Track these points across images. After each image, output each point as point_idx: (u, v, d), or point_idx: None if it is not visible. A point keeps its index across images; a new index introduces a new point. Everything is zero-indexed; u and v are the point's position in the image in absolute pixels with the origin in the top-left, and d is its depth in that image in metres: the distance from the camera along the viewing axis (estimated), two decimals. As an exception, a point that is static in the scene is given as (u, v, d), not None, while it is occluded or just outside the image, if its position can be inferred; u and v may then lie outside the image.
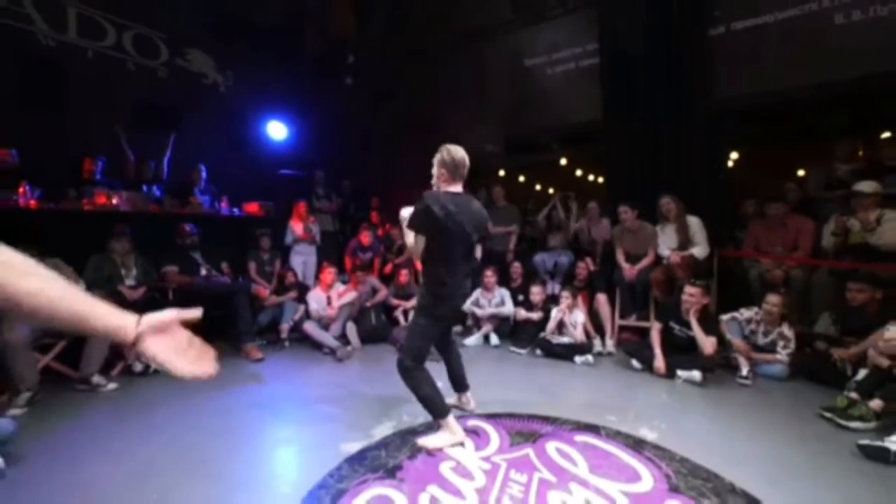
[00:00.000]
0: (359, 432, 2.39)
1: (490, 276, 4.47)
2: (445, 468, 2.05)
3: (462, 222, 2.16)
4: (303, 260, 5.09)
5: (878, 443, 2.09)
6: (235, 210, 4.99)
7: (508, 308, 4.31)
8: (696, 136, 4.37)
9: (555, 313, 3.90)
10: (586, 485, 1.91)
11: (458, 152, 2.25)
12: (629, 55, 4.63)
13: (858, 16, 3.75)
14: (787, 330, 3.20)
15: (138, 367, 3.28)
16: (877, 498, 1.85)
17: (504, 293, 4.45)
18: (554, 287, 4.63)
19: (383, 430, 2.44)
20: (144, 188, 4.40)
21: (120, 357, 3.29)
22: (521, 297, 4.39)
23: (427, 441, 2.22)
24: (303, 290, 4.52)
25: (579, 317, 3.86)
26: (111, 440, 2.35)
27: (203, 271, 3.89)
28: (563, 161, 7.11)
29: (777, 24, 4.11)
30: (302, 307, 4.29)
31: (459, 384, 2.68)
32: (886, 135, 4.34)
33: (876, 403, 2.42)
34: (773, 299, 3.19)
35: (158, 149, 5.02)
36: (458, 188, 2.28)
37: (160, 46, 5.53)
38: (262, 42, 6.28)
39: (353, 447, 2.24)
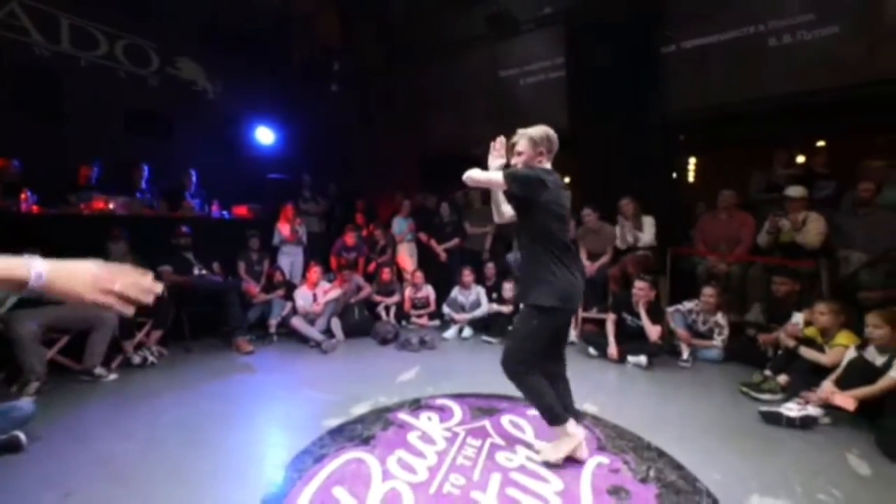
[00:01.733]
0: (339, 411, 2.72)
1: (468, 274, 4.82)
2: (413, 437, 2.40)
3: (564, 202, 2.00)
4: (290, 260, 5.39)
5: (774, 409, 2.49)
6: (225, 213, 5.27)
7: (484, 309, 4.64)
8: (652, 144, 4.78)
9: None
10: (529, 446, 2.28)
11: (552, 131, 2.10)
12: (593, 69, 5.02)
13: (788, 39, 4.21)
14: (721, 319, 3.62)
15: (136, 359, 3.56)
16: (761, 447, 2.25)
17: (480, 291, 4.81)
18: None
19: (361, 408, 2.77)
20: (139, 194, 4.65)
21: (119, 351, 3.56)
22: (494, 295, 4.75)
23: (545, 454, 2.09)
24: (290, 287, 4.82)
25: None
26: (119, 422, 2.64)
27: (196, 271, 4.17)
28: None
29: (720, 44, 4.55)
30: (289, 304, 4.59)
31: (576, 414, 2.24)
32: (820, 144, 4.83)
33: (783, 378, 2.83)
34: (708, 291, 3.61)
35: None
36: (549, 166, 2.08)
37: (151, 55, 5.78)
38: (250, 50, 6.55)
39: (334, 422, 2.57)
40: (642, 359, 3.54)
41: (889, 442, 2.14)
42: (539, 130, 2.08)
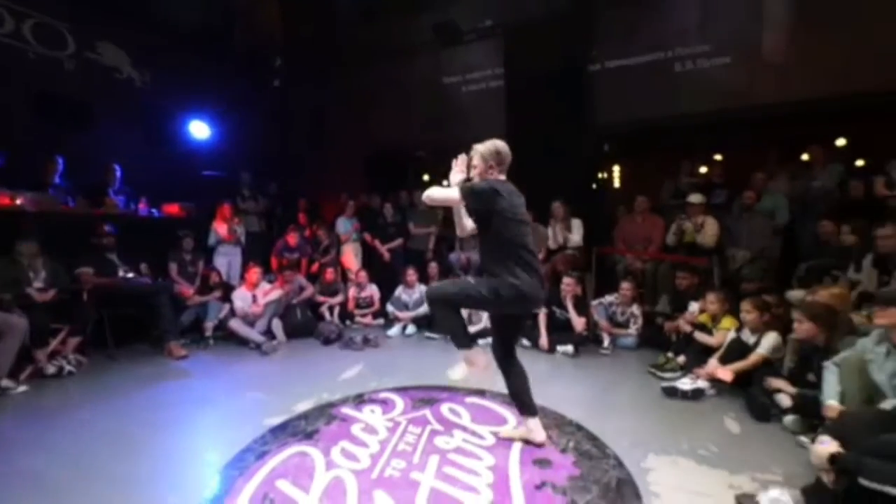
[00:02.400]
0: (282, 410, 2.75)
1: (411, 273, 4.96)
2: (356, 429, 2.50)
3: (518, 209, 2.10)
4: (227, 261, 5.20)
5: (672, 384, 2.91)
6: (154, 211, 4.97)
7: (426, 307, 4.80)
8: (580, 152, 5.24)
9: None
10: (465, 430, 2.48)
11: (503, 145, 2.19)
12: (528, 81, 5.39)
13: (691, 65, 4.84)
14: (636, 310, 4.09)
15: (51, 369, 3.30)
16: (661, 417, 2.64)
17: (423, 289, 4.96)
18: (466, 281, 5.25)
19: (304, 406, 2.83)
20: (52, 190, 4.26)
21: (29, 360, 3.28)
22: (437, 292, 4.93)
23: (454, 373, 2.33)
24: (227, 289, 4.67)
25: (485, 306, 4.50)
26: (41, 436, 2.48)
27: (121, 272, 3.93)
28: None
29: (638, 66, 5.12)
30: (227, 306, 4.46)
31: (527, 407, 2.28)
32: (717, 157, 5.60)
33: (682, 359, 3.30)
34: (625, 286, 4.07)
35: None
36: (503, 178, 2.19)
37: (66, 37, 5.29)
38: (182, 38, 6.20)
39: (276, 420, 2.61)
40: (569, 348, 3.91)
41: (754, 406, 2.61)
42: (487, 146, 2.17)
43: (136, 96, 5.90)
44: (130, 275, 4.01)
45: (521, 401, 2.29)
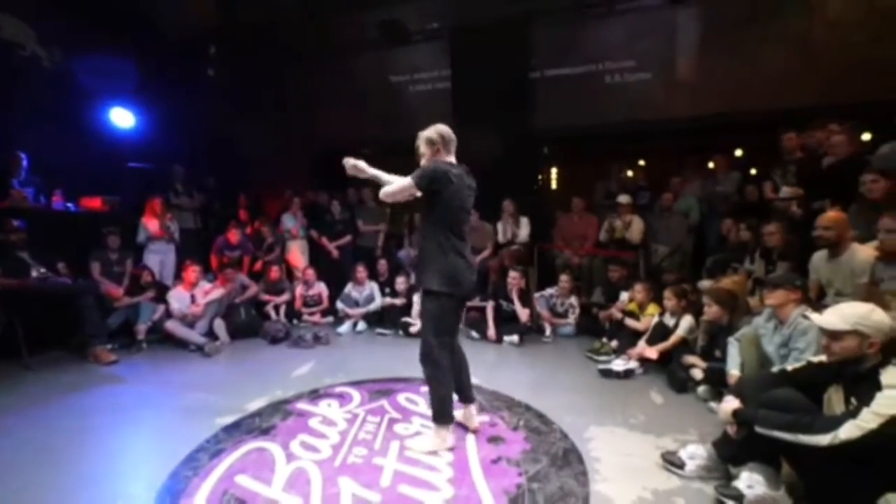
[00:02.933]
0: (233, 409, 2.67)
1: (361, 271, 4.94)
2: (314, 422, 2.51)
3: (464, 195, 2.14)
4: (160, 259, 4.84)
5: (607, 366, 3.24)
6: (71, 205, 4.50)
7: (377, 303, 4.83)
8: (522, 154, 5.55)
9: (417, 301, 4.61)
10: (423, 416, 2.58)
11: (445, 128, 2.24)
12: (473, 84, 5.60)
13: (618, 78, 5.35)
14: (574, 300, 4.46)
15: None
16: (598, 394, 2.94)
17: (373, 286, 4.98)
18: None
19: (257, 404, 2.76)
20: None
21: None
22: (387, 290, 4.98)
23: (416, 444, 2.22)
24: (161, 289, 4.36)
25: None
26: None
27: (35, 272, 3.53)
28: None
29: (573, 75, 5.54)
30: (162, 307, 4.17)
31: (465, 394, 2.40)
32: (641, 162, 6.24)
33: (614, 343, 3.67)
34: (564, 278, 4.42)
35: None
36: (451, 159, 2.22)
37: (-47, 6, 4.60)
38: (100, 18, 5.61)
39: (229, 419, 2.53)
40: (515, 338, 4.16)
41: (674, 380, 3.00)
42: (430, 130, 2.23)
43: (44, 77, 5.25)
44: (46, 274, 3.60)
45: (460, 389, 2.37)
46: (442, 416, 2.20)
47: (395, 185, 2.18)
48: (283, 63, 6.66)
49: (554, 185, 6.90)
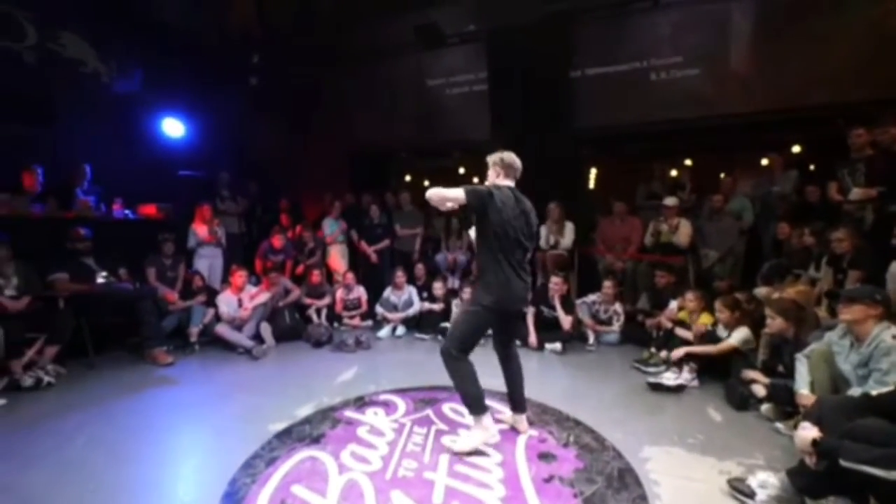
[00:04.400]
0: (284, 414, 2.74)
1: (400, 276, 4.98)
2: (362, 431, 2.54)
3: (510, 216, 2.20)
4: (208, 263, 5.06)
5: (658, 380, 3.10)
6: (129, 212, 4.76)
7: (416, 308, 4.84)
8: (561, 156, 5.41)
9: (455, 306, 4.60)
10: (469, 428, 2.56)
11: (510, 155, 2.37)
12: (511, 86, 5.51)
13: (664, 76, 5.12)
14: (618, 307, 4.30)
15: (28, 381, 3.13)
16: (649, 410, 2.82)
17: (412, 290, 5.00)
18: (454, 281, 5.34)
19: (306, 410, 2.82)
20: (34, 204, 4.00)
21: (4, 372, 3.10)
22: (425, 294, 4.99)
23: (459, 444, 2.28)
24: (211, 293, 4.55)
25: (475, 307, 4.60)
26: (19, 450, 2.36)
27: (100, 278, 3.76)
28: (462, 170, 7.92)
29: (616, 74, 5.35)
30: (211, 310, 4.34)
31: (516, 403, 2.53)
32: (687, 162, 5.95)
33: (664, 354, 3.51)
34: (607, 284, 4.27)
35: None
36: (510, 183, 2.35)
37: (26, 27, 4.96)
38: (153, 32, 5.92)
39: (280, 426, 2.60)
40: (558, 345, 4.06)
41: (733, 397, 2.83)
42: (496, 154, 2.40)
43: (103, 91, 5.60)
44: (108, 280, 3.83)
45: (512, 398, 2.52)
46: (474, 406, 2.28)
47: (449, 190, 2.20)
48: (321, 68, 6.79)
49: (592, 186, 6.70)
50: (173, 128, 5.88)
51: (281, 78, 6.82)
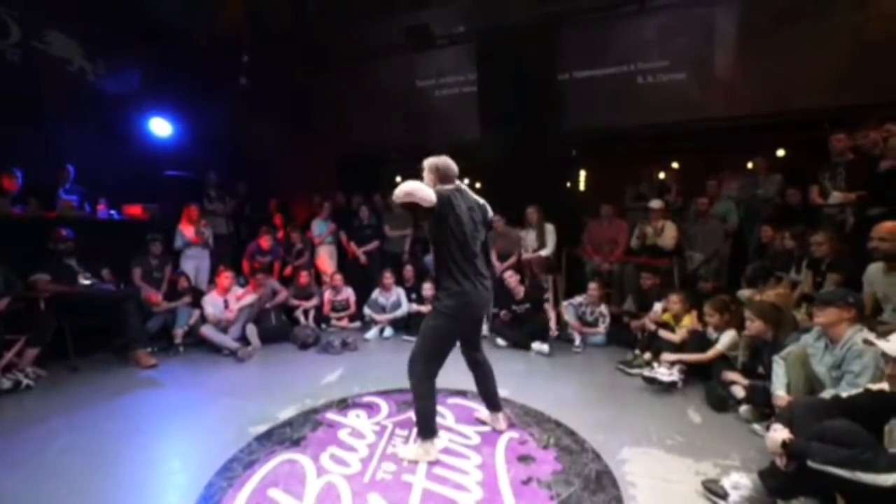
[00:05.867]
0: (265, 417, 2.73)
1: (388, 277, 4.97)
2: (343, 434, 2.53)
3: (466, 219, 2.16)
4: (195, 264, 5.02)
5: (653, 375, 3.11)
6: (114, 213, 4.72)
7: (404, 309, 4.85)
8: (549, 158, 5.44)
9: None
10: (451, 430, 2.56)
11: (446, 160, 2.26)
12: (500, 88, 5.54)
13: (651, 79, 5.17)
14: (604, 309, 4.33)
15: (6, 383, 3.09)
16: (631, 411, 2.83)
17: (400, 292, 4.99)
18: (442, 283, 5.34)
19: (288, 412, 2.81)
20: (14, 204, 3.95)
21: (-18, 375, 3.06)
22: (413, 295, 4.98)
23: (403, 451, 2.28)
24: (197, 294, 4.52)
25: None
26: (4, 453, 2.33)
27: (82, 279, 3.72)
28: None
29: (603, 77, 5.39)
30: (197, 312, 4.31)
31: (491, 403, 2.56)
32: (674, 165, 6.01)
33: (647, 356, 3.54)
34: (593, 286, 4.30)
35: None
36: (449, 187, 2.23)
37: (10, 25, 4.89)
38: (139, 30, 5.87)
39: (261, 429, 2.59)
40: (545, 347, 4.06)
41: (713, 398, 2.85)
42: (430, 161, 2.29)
43: (89, 90, 5.54)
44: (90, 281, 3.79)
45: (486, 398, 2.55)
46: (425, 430, 2.23)
47: (424, 189, 2.07)
48: (311, 69, 6.77)
49: (581, 187, 6.74)
50: (160, 127, 5.82)
51: (271, 78, 6.79)
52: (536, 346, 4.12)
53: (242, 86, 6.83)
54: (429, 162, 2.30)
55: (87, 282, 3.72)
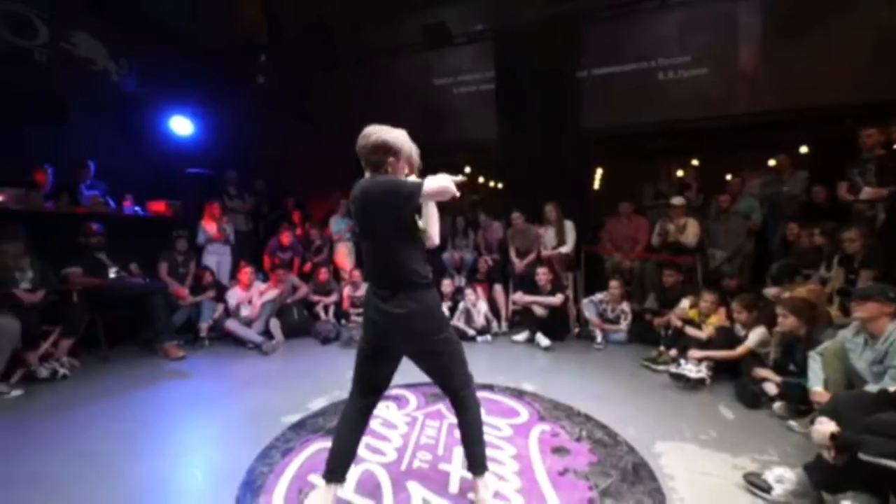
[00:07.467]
0: (296, 407, 2.76)
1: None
2: (375, 424, 2.55)
3: (361, 210, 1.64)
4: (217, 260, 5.08)
5: (681, 371, 3.09)
6: (139, 209, 4.79)
7: None
8: (568, 155, 5.43)
9: (462, 306, 4.61)
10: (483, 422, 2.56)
11: (360, 138, 1.72)
12: (518, 85, 5.53)
13: (672, 75, 5.13)
14: (625, 306, 4.31)
15: (43, 372, 3.17)
16: (661, 406, 2.81)
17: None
18: (460, 280, 5.35)
19: (318, 403, 2.84)
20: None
21: (21, 363, 3.13)
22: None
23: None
24: (220, 289, 4.57)
25: (482, 306, 4.64)
26: (43, 438, 2.39)
27: (112, 272, 3.78)
28: (468, 169, 7.92)
29: (623, 74, 5.36)
30: (221, 306, 4.37)
31: (470, 461, 1.79)
32: (694, 162, 5.96)
33: (673, 352, 3.51)
34: (613, 284, 4.28)
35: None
36: (366, 175, 1.72)
37: (38, 26, 5.00)
38: (160, 30, 5.96)
39: (293, 418, 2.62)
40: (546, 341, 4.08)
41: (744, 395, 2.83)
42: (408, 147, 1.82)
43: (112, 90, 5.62)
44: (121, 274, 3.85)
45: (470, 450, 1.77)
46: (326, 472, 1.70)
47: (447, 181, 1.59)
48: (328, 68, 6.81)
49: (598, 185, 6.71)
50: (181, 126, 5.90)
51: (288, 78, 6.85)
52: (544, 341, 4.11)
53: (260, 85, 6.91)
54: (406, 151, 1.76)
55: (115, 275, 3.78)
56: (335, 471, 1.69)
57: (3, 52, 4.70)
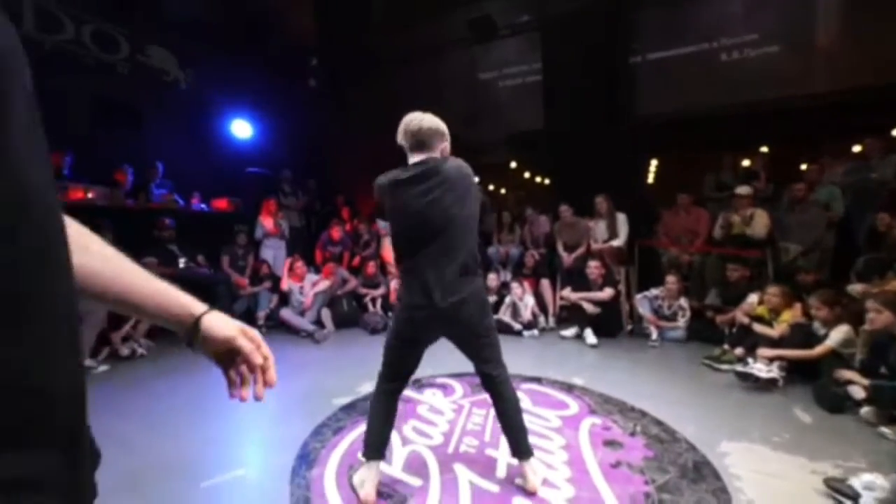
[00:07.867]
0: (347, 390, 2.85)
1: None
2: (422, 409, 2.58)
3: (407, 199, 1.64)
4: (272, 253, 5.37)
5: (748, 370, 2.86)
6: (204, 206, 5.17)
7: None
8: (619, 146, 5.20)
9: (508, 300, 4.56)
10: (529, 412, 2.51)
11: (405, 120, 1.75)
12: (567, 75, 5.38)
13: (737, 55, 4.75)
14: (683, 302, 4.05)
15: (125, 351, 3.50)
16: (724, 406, 2.61)
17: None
18: (506, 275, 5.28)
19: (367, 388, 2.89)
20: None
21: (105, 343, 3.47)
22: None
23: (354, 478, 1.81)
24: (276, 280, 4.83)
25: (529, 300, 4.54)
26: (126, 406, 2.66)
27: (181, 263, 4.11)
28: (514, 164, 7.85)
29: (680, 57, 5.05)
30: (276, 296, 4.61)
31: (513, 447, 1.78)
32: (763, 149, 5.48)
33: (739, 351, 3.25)
34: (670, 279, 4.03)
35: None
36: (416, 158, 1.72)
37: (120, 42, 5.55)
38: (222, 40, 6.41)
39: (344, 400, 2.70)
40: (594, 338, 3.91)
41: (825, 397, 2.56)
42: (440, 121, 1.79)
43: (181, 97, 6.13)
44: (190, 264, 4.18)
45: (512, 437, 1.77)
46: (366, 449, 1.75)
47: None
48: (375, 69, 7.00)
49: (653, 178, 6.37)
50: (241, 129, 6.32)
51: (337, 79, 7.12)
52: (590, 338, 3.95)
53: (311, 87, 7.24)
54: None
55: (184, 266, 4.10)
56: (372, 447, 1.75)
57: (92, 67, 5.28)
